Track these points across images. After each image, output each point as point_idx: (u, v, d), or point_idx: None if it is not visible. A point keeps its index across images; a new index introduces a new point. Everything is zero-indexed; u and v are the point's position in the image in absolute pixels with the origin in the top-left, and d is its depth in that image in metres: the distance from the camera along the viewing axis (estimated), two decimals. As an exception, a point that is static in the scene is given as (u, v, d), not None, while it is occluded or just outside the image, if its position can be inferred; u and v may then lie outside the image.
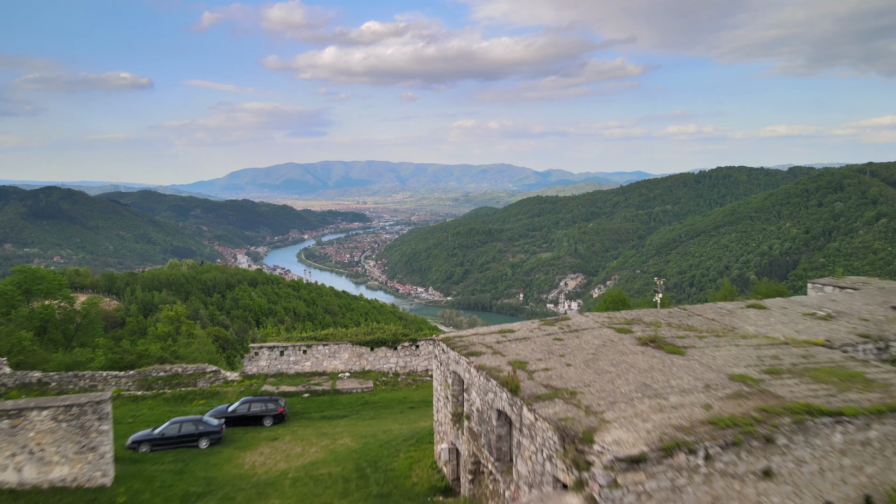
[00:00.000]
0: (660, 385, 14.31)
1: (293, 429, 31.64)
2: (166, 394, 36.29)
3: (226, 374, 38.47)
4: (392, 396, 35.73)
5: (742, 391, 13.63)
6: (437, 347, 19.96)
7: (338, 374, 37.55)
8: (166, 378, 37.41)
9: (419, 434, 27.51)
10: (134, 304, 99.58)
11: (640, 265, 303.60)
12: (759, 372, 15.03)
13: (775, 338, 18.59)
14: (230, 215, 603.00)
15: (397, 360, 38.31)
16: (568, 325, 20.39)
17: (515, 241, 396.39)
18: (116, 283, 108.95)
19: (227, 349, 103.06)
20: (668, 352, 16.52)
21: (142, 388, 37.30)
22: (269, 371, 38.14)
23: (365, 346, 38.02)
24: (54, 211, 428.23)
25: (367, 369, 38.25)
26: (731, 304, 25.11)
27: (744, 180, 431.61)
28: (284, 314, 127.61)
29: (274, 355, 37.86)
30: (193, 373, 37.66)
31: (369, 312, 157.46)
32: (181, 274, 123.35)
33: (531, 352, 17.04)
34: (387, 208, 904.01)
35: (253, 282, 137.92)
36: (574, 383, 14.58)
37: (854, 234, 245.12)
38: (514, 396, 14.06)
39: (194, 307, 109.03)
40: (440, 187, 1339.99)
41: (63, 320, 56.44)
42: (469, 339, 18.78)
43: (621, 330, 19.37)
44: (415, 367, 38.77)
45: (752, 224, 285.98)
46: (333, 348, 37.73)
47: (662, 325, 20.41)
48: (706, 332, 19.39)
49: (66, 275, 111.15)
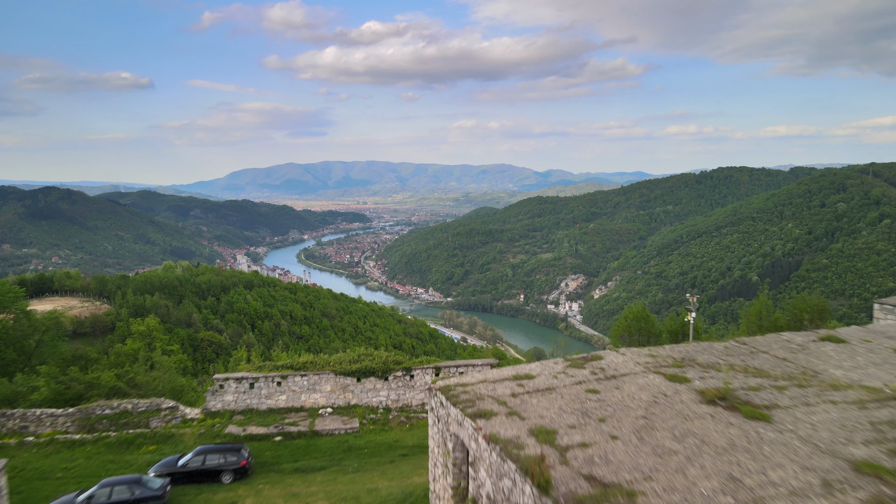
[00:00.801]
0: (754, 480, 9.93)
1: (257, 487, 26.42)
2: (110, 437, 30.64)
3: (185, 411, 32.89)
4: (381, 439, 30.41)
5: (882, 497, 8.97)
6: (434, 398, 14.64)
7: (318, 409, 32.40)
8: (113, 417, 31.76)
9: (413, 496, 22.85)
10: (125, 307, 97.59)
11: (641, 266, 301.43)
12: (889, 454, 10.58)
13: (877, 389, 13.95)
14: (230, 215, 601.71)
15: (388, 392, 32.98)
16: (601, 367, 15.37)
17: (516, 241, 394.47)
18: (108, 286, 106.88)
19: (220, 354, 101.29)
20: (746, 416, 12.03)
21: (83, 430, 31.67)
22: (236, 407, 32.35)
23: (350, 377, 32.64)
24: (53, 211, 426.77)
25: (353, 404, 32.88)
26: (799, 335, 19.75)
27: (745, 181, 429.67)
28: (281, 318, 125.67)
29: (242, 388, 32.17)
30: (146, 410, 32.14)
31: (368, 315, 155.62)
32: (175, 276, 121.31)
33: (559, 412, 12.51)
34: (387, 208, 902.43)
35: (249, 284, 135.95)
36: (628, 473, 10.21)
37: (857, 234, 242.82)
38: (542, 496, 9.90)
39: (187, 311, 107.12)
40: (440, 187, 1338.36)
41: (19, 337, 50.63)
42: (475, 390, 13.95)
43: (674, 377, 14.31)
44: (409, 401, 33.14)
45: (755, 225, 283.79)
46: (313, 379, 32.32)
47: (723, 368, 15.61)
48: (783, 379, 14.69)
49: (56, 277, 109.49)
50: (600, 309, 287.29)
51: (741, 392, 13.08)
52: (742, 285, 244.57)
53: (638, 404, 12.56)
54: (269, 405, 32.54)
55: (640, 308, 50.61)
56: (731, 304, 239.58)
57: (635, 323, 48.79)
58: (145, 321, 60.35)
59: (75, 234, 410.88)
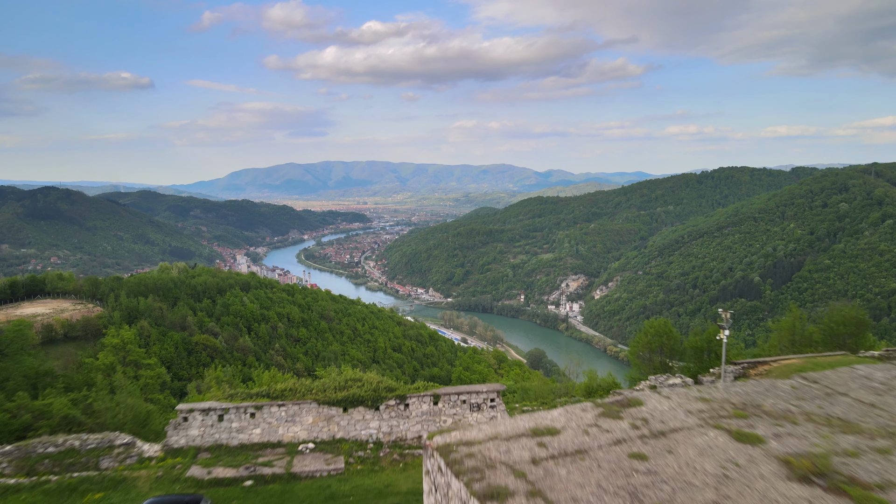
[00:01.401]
0: None
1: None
2: (50, 482, 25.36)
3: (142, 448, 28.05)
4: (371, 484, 25.57)
5: None
6: (430, 459, 10.77)
7: (298, 445, 27.82)
8: (57, 456, 26.46)
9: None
10: (118, 310, 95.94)
11: (642, 266, 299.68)
12: None
13: None
14: (230, 216, 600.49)
15: (379, 423, 28.58)
16: (644, 418, 11.58)
17: (516, 241, 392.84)
18: (101, 288, 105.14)
19: (215, 358, 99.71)
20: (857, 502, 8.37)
21: (21, 471, 26.55)
22: (202, 443, 27.47)
23: (336, 407, 28.23)
24: (52, 211, 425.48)
25: (339, 437, 28.33)
26: (878, 369, 16.08)
27: (746, 181, 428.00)
28: (278, 320, 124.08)
29: (210, 421, 27.44)
30: (96, 447, 26.83)
31: (367, 317, 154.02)
32: (170, 278, 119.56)
33: (598, 490, 8.94)
34: (387, 209, 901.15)
35: (245, 286, 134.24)
36: None
37: (860, 235, 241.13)
38: None
39: (182, 314, 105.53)
40: (441, 188, 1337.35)
41: None
42: (484, 452, 10.26)
43: (741, 436, 10.86)
44: (403, 434, 28.68)
45: (756, 225, 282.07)
46: (293, 410, 27.85)
47: (799, 418, 12.30)
48: (881, 436, 11.25)
49: (48, 279, 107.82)
50: (601, 310, 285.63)
51: (838, 463, 9.72)
52: (744, 286, 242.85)
53: (703, 480, 9.21)
54: (241, 440, 27.69)
55: (661, 322, 46.04)
56: (732, 305, 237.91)
57: (657, 339, 44.37)
58: (119, 333, 56.85)
59: (74, 235, 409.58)
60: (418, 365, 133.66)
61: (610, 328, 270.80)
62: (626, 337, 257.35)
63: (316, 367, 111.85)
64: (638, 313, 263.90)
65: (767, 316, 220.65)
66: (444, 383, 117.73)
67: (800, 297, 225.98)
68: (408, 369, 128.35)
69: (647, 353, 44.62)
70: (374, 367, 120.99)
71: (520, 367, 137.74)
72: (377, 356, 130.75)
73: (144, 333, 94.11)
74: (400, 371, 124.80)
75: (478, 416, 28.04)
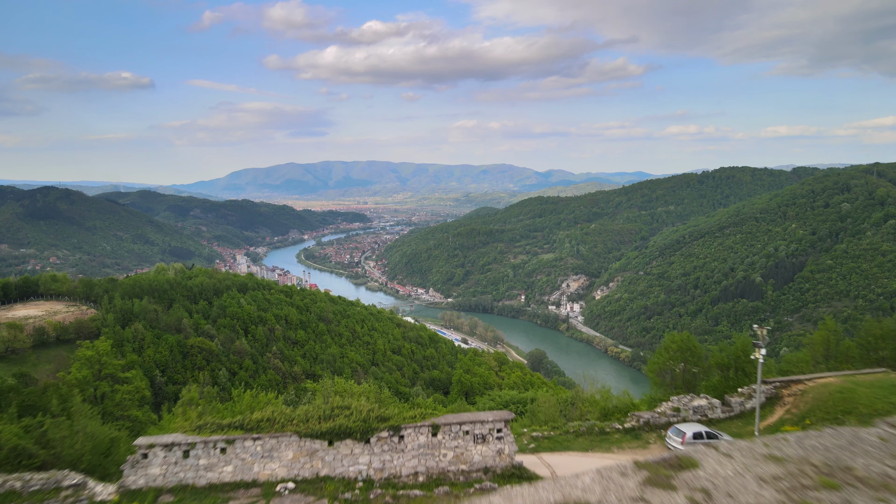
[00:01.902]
0: None
1: None
2: None
3: (94, 490, 23.35)
4: None
5: None
6: None
7: (276, 485, 23.68)
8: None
9: None
10: (111, 313, 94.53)
11: (643, 266, 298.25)
12: None
13: None
14: (230, 215, 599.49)
15: (370, 458, 24.37)
16: (704, 488, 7.32)
17: (517, 241, 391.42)
18: (94, 289, 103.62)
19: (211, 361, 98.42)
20: None
21: None
22: (164, 483, 23.50)
23: (320, 440, 24.03)
24: (51, 211, 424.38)
25: (323, 475, 24.08)
26: None
27: (747, 181, 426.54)
28: (275, 322, 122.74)
29: (173, 458, 23.39)
30: (40, 489, 22.39)
31: (366, 319, 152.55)
32: (166, 279, 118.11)
33: None
34: (387, 208, 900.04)
35: (243, 287, 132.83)
36: None
37: (862, 235, 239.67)
38: None
39: (177, 316, 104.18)
40: (441, 187, 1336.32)
41: None
42: None
43: None
44: (397, 470, 24.63)
45: (758, 225, 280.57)
46: (270, 444, 23.71)
47: None
48: None
49: (42, 281, 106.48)
50: (602, 310, 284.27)
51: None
52: (745, 286, 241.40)
53: None
54: (209, 479, 23.78)
55: (684, 337, 41.93)
56: (734, 306, 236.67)
57: (679, 355, 40.17)
58: (94, 344, 53.08)
59: (74, 234, 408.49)
60: (418, 367, 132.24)
61: (611, 329, 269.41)
62: (627, 337, 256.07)
63: (315, 369, 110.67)
64: (639, 314, 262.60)
65: (769, 316, 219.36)
66: (444, 386, 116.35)
67: (802, 297, 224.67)
68: (407, 372, 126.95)
69: (669, 372, 40.78)
70: (373, 370, 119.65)
71: (521, 369, 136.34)
72: (376, 359, 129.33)
73: (139, 336, 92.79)
74: (399, 374, 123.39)
75: (482, 449, 24.19)
